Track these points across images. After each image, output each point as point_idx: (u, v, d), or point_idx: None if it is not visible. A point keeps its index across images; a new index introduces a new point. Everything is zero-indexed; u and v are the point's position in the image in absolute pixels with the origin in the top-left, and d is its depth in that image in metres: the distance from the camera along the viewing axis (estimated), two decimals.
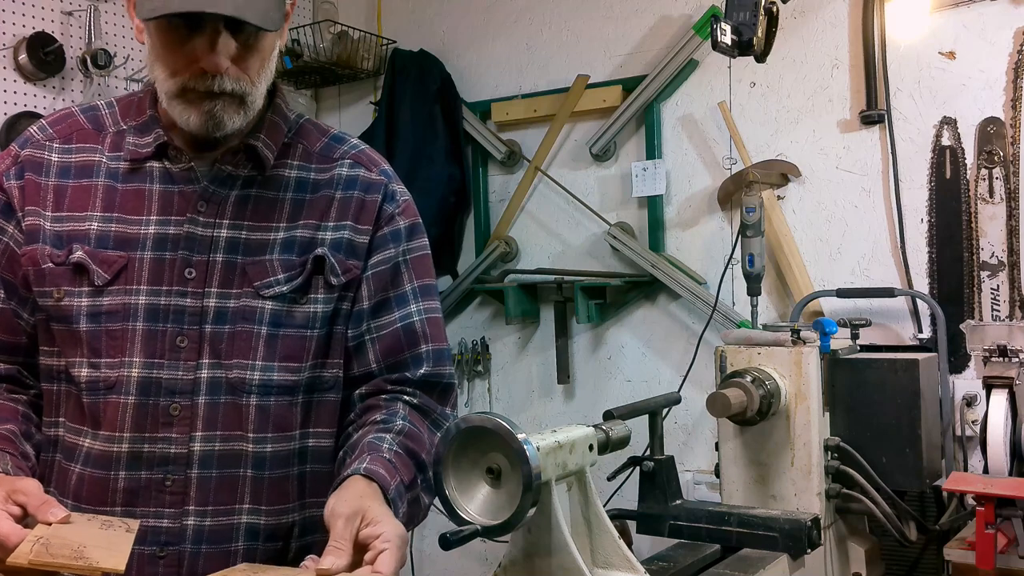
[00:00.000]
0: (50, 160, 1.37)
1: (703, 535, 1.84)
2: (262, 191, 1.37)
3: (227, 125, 1.29)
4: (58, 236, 1.33)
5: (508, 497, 1.22)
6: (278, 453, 1.35)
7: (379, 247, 1.41)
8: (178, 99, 1.28)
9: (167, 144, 1.36)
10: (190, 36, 1.24)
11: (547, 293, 3.38)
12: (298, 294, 1.35)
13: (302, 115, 1.49)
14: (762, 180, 2.91)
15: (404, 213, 1.45)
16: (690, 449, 3.16)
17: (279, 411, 1.35)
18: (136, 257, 1.32)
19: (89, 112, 1.42)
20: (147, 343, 1.30)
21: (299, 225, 1.37)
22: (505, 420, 1.22)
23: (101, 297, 1.31)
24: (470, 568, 3.28)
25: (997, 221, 2.66)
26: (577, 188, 3.36)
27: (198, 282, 1.32)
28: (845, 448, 2.31)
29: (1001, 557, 2.11)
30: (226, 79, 1.26)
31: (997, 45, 2.70)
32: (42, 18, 3.06)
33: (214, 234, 1.33)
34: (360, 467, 1.26)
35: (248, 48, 1.28)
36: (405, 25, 3.70)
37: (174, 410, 1.30)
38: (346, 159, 1.43)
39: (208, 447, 1.31)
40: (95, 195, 1.35)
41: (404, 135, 3.46)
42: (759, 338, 2.34)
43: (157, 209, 1.34)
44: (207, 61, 1.25)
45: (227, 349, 1.32)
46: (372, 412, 1.39)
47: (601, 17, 3.33)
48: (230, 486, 1.32)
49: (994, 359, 2.46)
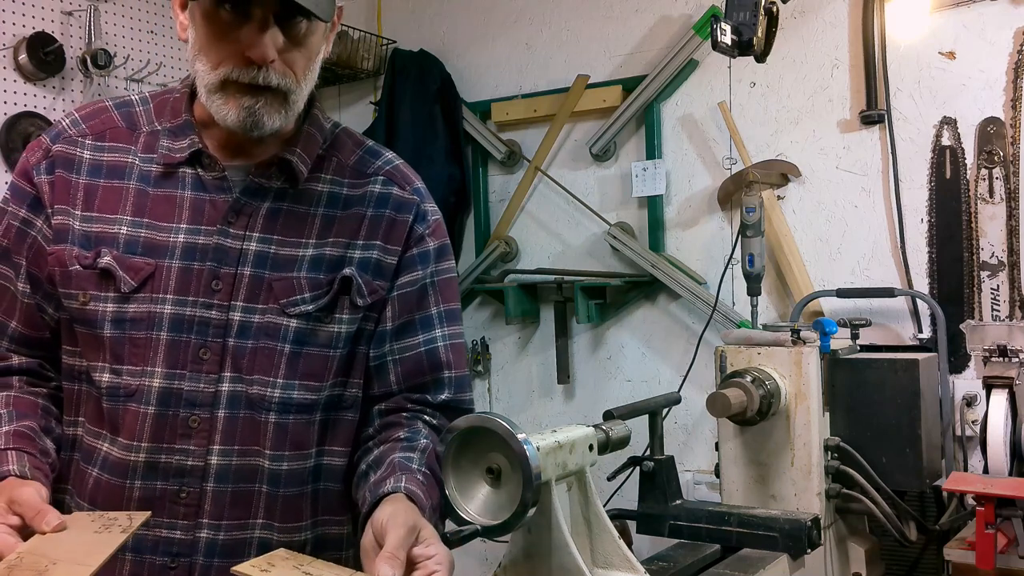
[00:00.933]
0: (82, 157, 1.34)
1: (703, 535, 1.84)
2: (293, 205, 1.35)
3: (266, 124, 1.26)
4: (86, 236, 1.31)
5: (508, 497, 1.23)
6: (294, 471, 1.34)
7: (407, 268, 1.39)
8: (219, 92, 1.25)
9: (201, 151, 1.33)
10: (238, 26, 1.22)
11: (547, 293, 3.38)
12: (323, 313, 1.33)
13: (338, 124, 1.45)
14: (762, 180, 2.91)
15: (434, 234, 1.43)
16: (690, 449, 3.16)
17: (297, 429, 1.34)
18: (164, 265, 1.29)
19: (123, 108, 1.39)
20: (170, 353, 1.29)
21: (328, 242, 1.35)
22: (505, 420, 1.22)
23: (127, 304, 1.29)
24: (470, 568, 3.28)
25: (997, 221, 2.66)
26: (577, 188, 3.36)
27: (224, 295, 1.30)
28: (845, 448, 2.31)
29: (1001, 557, 2.11)
30: (271, 72, 1.23)
31: (997, 45, 2.70)
32: (42, 18, 3.06)
33: (243, 247, 1.31)
34: (401, 486, 1.24)
35: (296, 43, 1.25)
36: (405, 25, 3.71)
37: (193, 422, 1.29)
38: (379, 175, 1.41)
39: (225, 461, 1.30)
40: (126, 198, 1.32)
41: (404, 135, 3.47)
42: (759, 338, 2.35)
43: (188, 217, 1.31)
44: (254, 50, 1.21)
45: (249, 364, 1.30)
46: (394, 429, 1.38)
47: (601, 17, 3.33)
48: (245, 501, 1.32)
49: (994, 359, 2.46)
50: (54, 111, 3.08)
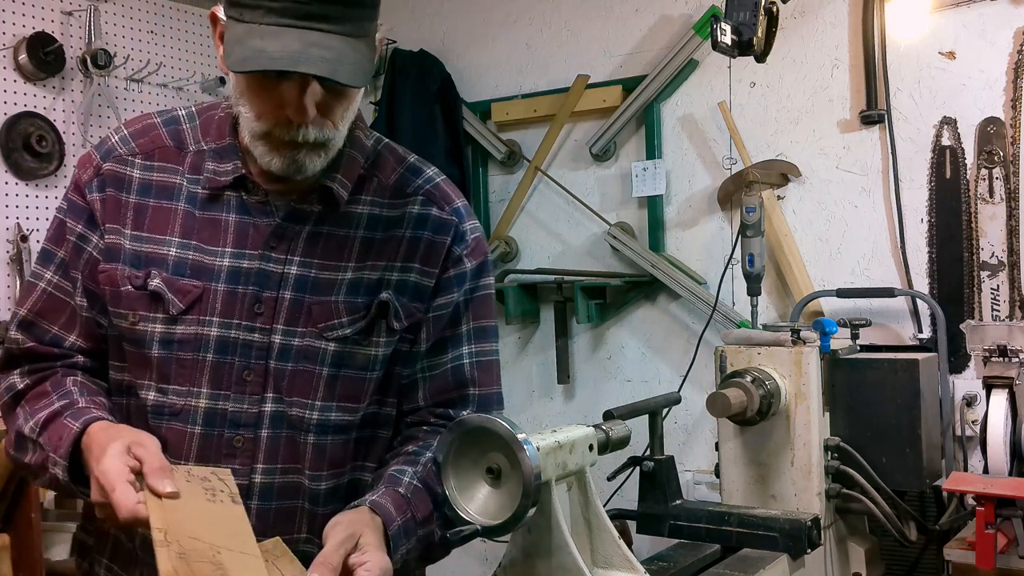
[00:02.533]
0: (132, 176, 1.36)
1: (703, 535, 1.85)
2: (333, 228, 1.36)
3: (308, 169, 1.28)
4: (136, 256, 1.33)
5: (508, 497, 1.23)
6: (332, 488, 1.36)
7: (444, 290, 1.39)
8: (262, 141, 1.27)
9: (245, 177, 1.35)
10: (279, 83, 1.22)
11: (547, 293, 3.38)
12: (361, 336, 1.34)
13: (380, 139, 1.45)
14: (762, 180, 2.91)
15: (473, 253, 1.42)
16: (690, 449, 3.16)
17: (334, 449, 1.35)
18: (211, 288, 1.31)
19: (171, 126, 1.40)
20: (215, 375, 1.31)
21: (367, 266, 1.35)
22: (505, 420, 1.22)
23: (175, 325, 1.31)
24: (470, 568, 3.28)
25: (997, 221, 2.66)
26: (577, 188, 3.36)
27: (266, 318, 1.32)
28: (845, 448, 2.31)
29: (1001, 557, 2.12)
30: (310, 130, 1.24)
31: (997, 45, 2.70)
32: (42, 18, 3.06)
33: (284, 270, 1.33)
34: (369, 499, 1.27)
35: (336, 96, 1.25)
36: (405, 25, 3.70)
37: (237, 442, 1.31)
38: (419, 195, 1.41)
39: (268, 479, 1.32)
40: (174, 219, 1.34)
41: (404, 135, 3.46)
42: (759, 338, 2.35)
43: (232, 241, 1.33)
44: (294, 112, 1.22)
45: (288, 386, 1.32)
46: (409, 443, 1.40)
47: (601, 17, 3.33)
48: (288, 517, 1.34)
49: (994, 359, 2.46)
50: (54, 111, 3.08)
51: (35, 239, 2.96)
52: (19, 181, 3.00)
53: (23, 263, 2.94)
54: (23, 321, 1.37)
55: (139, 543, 1.33)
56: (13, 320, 1.39)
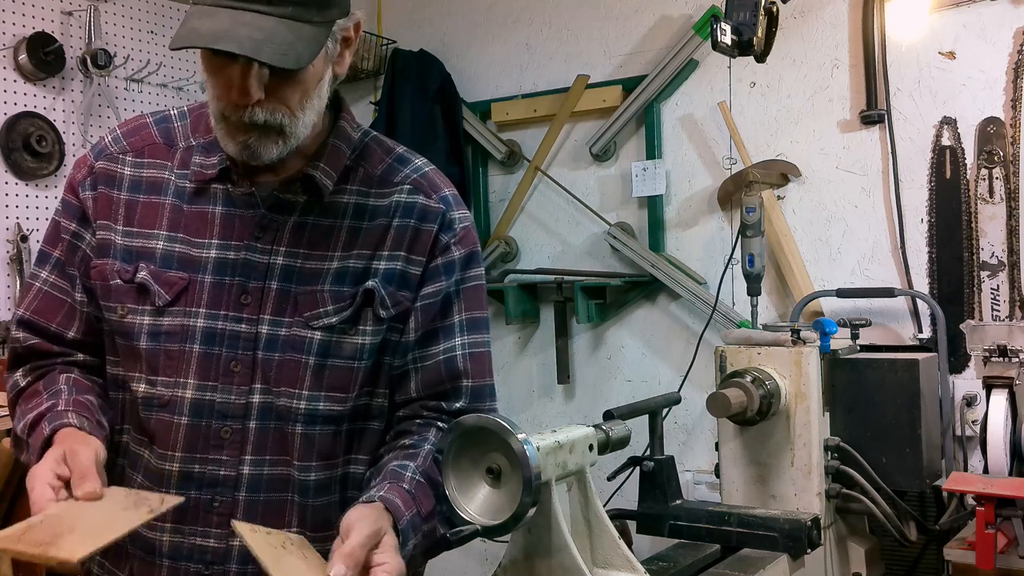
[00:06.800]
0: (122, 174, 1.38)
1: (703, 535, 1.85)
2: (319, 219, 1.36)
3: (263, 156, 1.27)
4: (128, 251, 1.35)
5: (508, 497, 1.23)
6: (321, 480, 1.36)
7: (431, 278, 1.39)
8: (219, 124, 1.28)
9: (230, 168, 1.35)
10: (226, 64, 1.22)
11: (547, 293, 3.38)
12: (347, 325, 1.34)
13: (368, 132, 1.45)
14: (762, 180, 2.91)
15: (461, 242, 1.41)
16: (690, 449, 3.16)
17: (324, 440, 1.35)
18: (197, 280, 1.32)
19: (162, 124, 1.42)
20: (202, 365, 1.31)
21: (353, 255, 1.35)
22: (505, 420, 1.22)
23: (162, 317, 1.32)
24: (470, 568, 3.28)
25: (997, 221, 2.66)
26: (577, 188, 3.36)
27: (253, 308, 1.32)
28: (845, 448, 2.31)
29: (1001, 557, 2.11)
30: (258, 111, 1.23)
31: (997, 45, 2.70)
32: (42, 18, 3.06)
33: (270, 261, 1.33)
34: (378, 494, 1.26)
35: (285, 79, 1.23)
36: (405, 25, 3.71)
37: (225, 433, 1.32)
38: (406, 184, 1.40)
39: (257, 471, 1.32)
40: (162, 213, 1.36)
41: (404, 135, 3.46)
42: (759, 338, 2.35)
43: (218, 232, 1.34)
44: (237, 93, 1.22)
45: (276, 377, 1.32)
46: (404, 436, 1.39)
47: (601, 17, 3.33)
48: (277, 510, 1.34)
49: (994, 359, 2.46)
50: (54, 111, 3.08)
51: (35, 239, 2.96)
52: (19, 181, 3.00)
53: (23, 263, 2.94)
54: (23, 320, 1.40)
55: (129, 539, 1.33)
56: (14, 320, 1.42)
